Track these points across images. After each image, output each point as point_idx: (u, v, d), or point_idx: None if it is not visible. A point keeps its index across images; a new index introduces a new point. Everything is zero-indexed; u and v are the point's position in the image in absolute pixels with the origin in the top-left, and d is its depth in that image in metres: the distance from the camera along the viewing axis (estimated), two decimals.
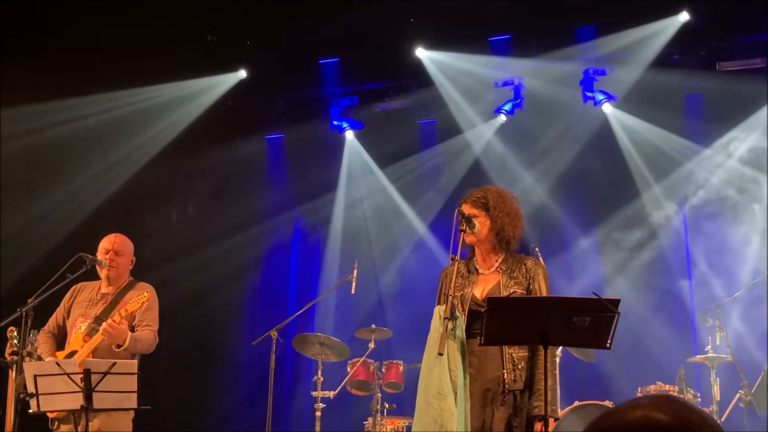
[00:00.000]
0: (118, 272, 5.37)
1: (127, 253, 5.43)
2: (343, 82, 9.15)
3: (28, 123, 7.85)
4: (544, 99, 8.41)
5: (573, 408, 6.37)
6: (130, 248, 5.48)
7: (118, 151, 8.61)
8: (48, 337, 5.33)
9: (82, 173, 8.38)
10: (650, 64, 8.00)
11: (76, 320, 5.27)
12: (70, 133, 8.07)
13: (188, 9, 8.24)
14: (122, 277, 5.41)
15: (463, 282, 4.27)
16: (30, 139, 7.87)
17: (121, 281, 5.39)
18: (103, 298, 5.32)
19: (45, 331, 5.33)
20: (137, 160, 8.70)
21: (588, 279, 8.05)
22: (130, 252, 5.47)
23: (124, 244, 5.45)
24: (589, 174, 8.30)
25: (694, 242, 7.99)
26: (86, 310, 5.29)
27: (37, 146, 7.93)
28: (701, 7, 7.85)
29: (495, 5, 8.18)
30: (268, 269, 9.43)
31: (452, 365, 4.00)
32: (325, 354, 7.08)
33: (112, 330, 4.95)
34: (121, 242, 5.43)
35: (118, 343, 5.01)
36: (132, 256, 5.47)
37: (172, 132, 8.84)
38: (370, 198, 9.23)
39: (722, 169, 8.03)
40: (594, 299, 3.73)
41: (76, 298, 5.40)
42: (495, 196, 4.31)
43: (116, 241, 5.41)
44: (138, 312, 5.17)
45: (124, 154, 8.64)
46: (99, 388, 4.65)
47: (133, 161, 8.68)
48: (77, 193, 8.30)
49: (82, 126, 8.17)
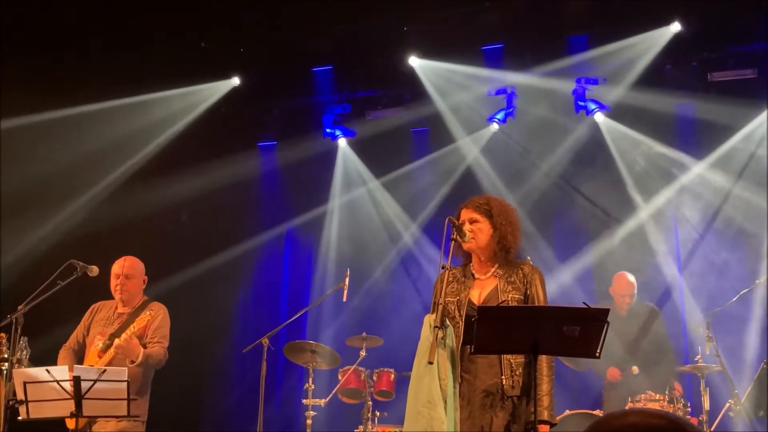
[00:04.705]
0: (130, 295, 5.58)
1: (137, 275, 5.60)
2: (337, 90, 9.17)
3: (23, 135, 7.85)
4: (536, 108, 8.44)
5: (564, 417, 6.38)
6: (140, 269, 5.64)
7: (111, 162, 8.59)
8: (68, 352, 5.56)
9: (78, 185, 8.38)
10: (642, 74, 8.04)
11: (95, 338, 5.50)
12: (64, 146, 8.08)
13: (181, 16, 8.26)
14: (136, 298, 5.61)
15: (459, 287, 4.27)
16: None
17: (135, 301, 5.60)
18: (119, 317, 5.54)
19: (66, 347, 5.58)
20: (128, 170, 8.68)
21: (579, 283, 8.08)
22: (140, 273, 5.64)
23: (134, 266, 5.62)
24: (580, 182, 8.34)
25: (685, 252, 8.02)
26: (103, 328, 5.51)
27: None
28: (693, 17, 7.90)
29: (488, 15, 8.22)
30: (261, 276, 9.42)
31: (442, 374, 4.00)
32: (317, 362, 7.08)
33: (126, 345, 5.17)
34: (131, 265, 5.61)
35: (132, 359, 5.21)
36: (143, 276, 5.65)
37: (164, 140, 8.83)
38: (362, 205, 9.23)
39: (714, 180, 8.06)
40: (584, 308, 3.74)
41: (95, 317, 5.62)
42: (498, 205, 4.33)
43: (125, 264, 5.60)
44: (149, 329, 5.41)
45: (117, 165, 8.63)
46: (89, 396, 4.68)
47: (124, 171, 8.67)
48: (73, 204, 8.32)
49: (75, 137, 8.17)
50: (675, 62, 8.17)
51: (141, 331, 5.37)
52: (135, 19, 8.14)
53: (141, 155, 8.76)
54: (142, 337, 5.38)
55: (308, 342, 7.16)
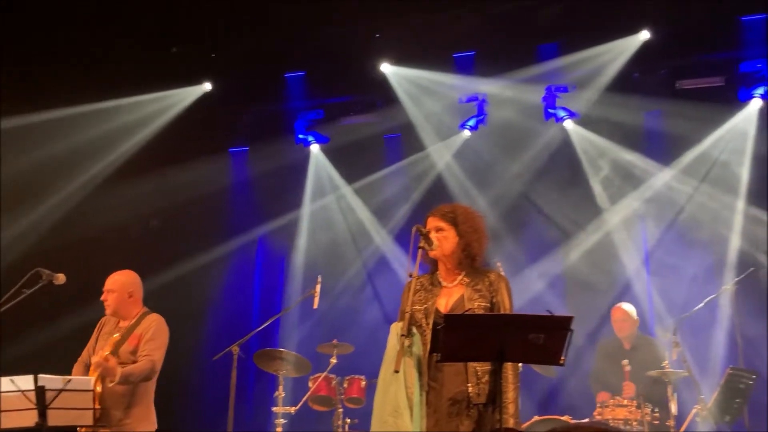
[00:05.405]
0: (113, 309, 5.53)
1: (117, 289, 5.54)
2: (309, 96, 9.16)
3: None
4: (507, 115, 8.48)
5: (533, 423, 6.42)
6: (122, 283, 5.57)
7: (81, 167, 8.52)
8: (81, 367, 5.54)
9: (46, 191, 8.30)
10: (611, 82, 8.12)
11: (98, 352, 5.46)
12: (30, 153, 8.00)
13: (152, 21, 8.22)
14: (128, 311, 5.55)
15: (426, 295, 4.28)
16: None
17: (131, 314, 5.55)
18: (119, 332, 5.50)
19: (79, 361, 5.57)
20: (98, 175, 8.61)
21: (550, 288, 8.13)
22: (122, 287, 5.56)
23: (116, 281, 5.58)
24: (550, 189, 8.40)
25: (654, 257, 8.10)
26: (105, 342, 5.48)
27: None
28: (662, 26, 7.98)
29: (459, 23, 8.27)
30: (233, 283, 9.37)
31: (409, 382, 4.01)
32: (287, 369, 7.06)
33: (103, 364, 5.16)
34: (114, 280, 5.58)
35: (111, 379, 5.17)
36: (128, 290, 5.57)
37: (135, 146, 8.77)
38: (335, 212, 9.23)
39: (683, 186, 8.15)
40: (548, 316, 3.77)
41: (102, 331, 5.61)
42: (463, 213, 4.36)
43: (109, 280, 5.60)
44: (142, 342, 5.37)
45: (86, 170, 8.55)
46: (54, 405, 4.65)
47: (95, 176, 8.59)
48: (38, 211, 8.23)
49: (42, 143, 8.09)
50: (644, 70, 8.25)
51: (135, 344, 5.35)
52: (105, 24, 8.09)
53: (110, 160, 8.70)
54: (136, 352, 5.35)
55: (278, 350, 7.15)
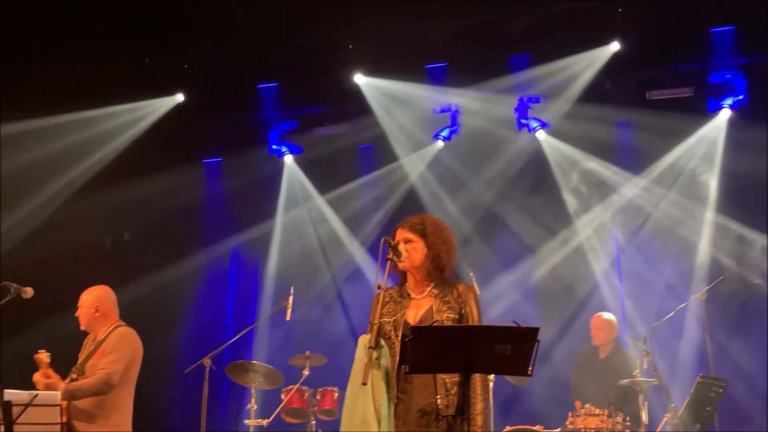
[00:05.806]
0: (84, 324, 5.57)
1: (85, 305, 5.58)
2: (283, 107, 9.15)
3: None
4: (480, 125, 8.53)
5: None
6: (89, 300, 5.59)
7: (52, 179, 8.44)
8: None
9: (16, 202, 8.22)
10: (583, 93, 8.20)
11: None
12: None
13: (124, 31, 8.18)
14: (98, 326, 5.56)
15: (395, 307, 4.28)
16: None
17: (105, 328, 5.55)
18: (95, 344, 5.50)
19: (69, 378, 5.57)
20: (71, 186, 8.54)
21: (523, 296, 8.17)
22: (89, 304, 5.58)
23: (83, 298, 5.62)
24: (522, 198, 8.45)
25: (625, 267, 8.16)
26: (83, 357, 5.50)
27: None
28: (632, 37, 8.07)
29: (432, 34, 8.31)
30: (206, 294, 9.32)
31: (376, 394, 4.00)
32: (259, 381, 7.02)
33: (39, 384, 5.15)
34: (82, 297, 5.63)
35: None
36: (95, 305, 5.57)
37: (107, 157, 8.71)
38: (308, 223, 9.22)
39: (653, 196, 8.23)
40: (515, 327, 3.77)
41: (85, 346, 5.62)
42: (432, 224, 4.36)
43: (81, 296, 5.64)
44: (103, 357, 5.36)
45: (57, 181, 8.48)
46: (21, 421, 4.59)
47: (66, 187, 8.52)
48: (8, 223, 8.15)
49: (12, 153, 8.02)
50: (614, 81, 8.34)
51: (99, 359, 5.35)
52: (77, 35, 8.04)
53: (82, 172, 8.63)
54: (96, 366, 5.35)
55: (250, 362, 7.10)
